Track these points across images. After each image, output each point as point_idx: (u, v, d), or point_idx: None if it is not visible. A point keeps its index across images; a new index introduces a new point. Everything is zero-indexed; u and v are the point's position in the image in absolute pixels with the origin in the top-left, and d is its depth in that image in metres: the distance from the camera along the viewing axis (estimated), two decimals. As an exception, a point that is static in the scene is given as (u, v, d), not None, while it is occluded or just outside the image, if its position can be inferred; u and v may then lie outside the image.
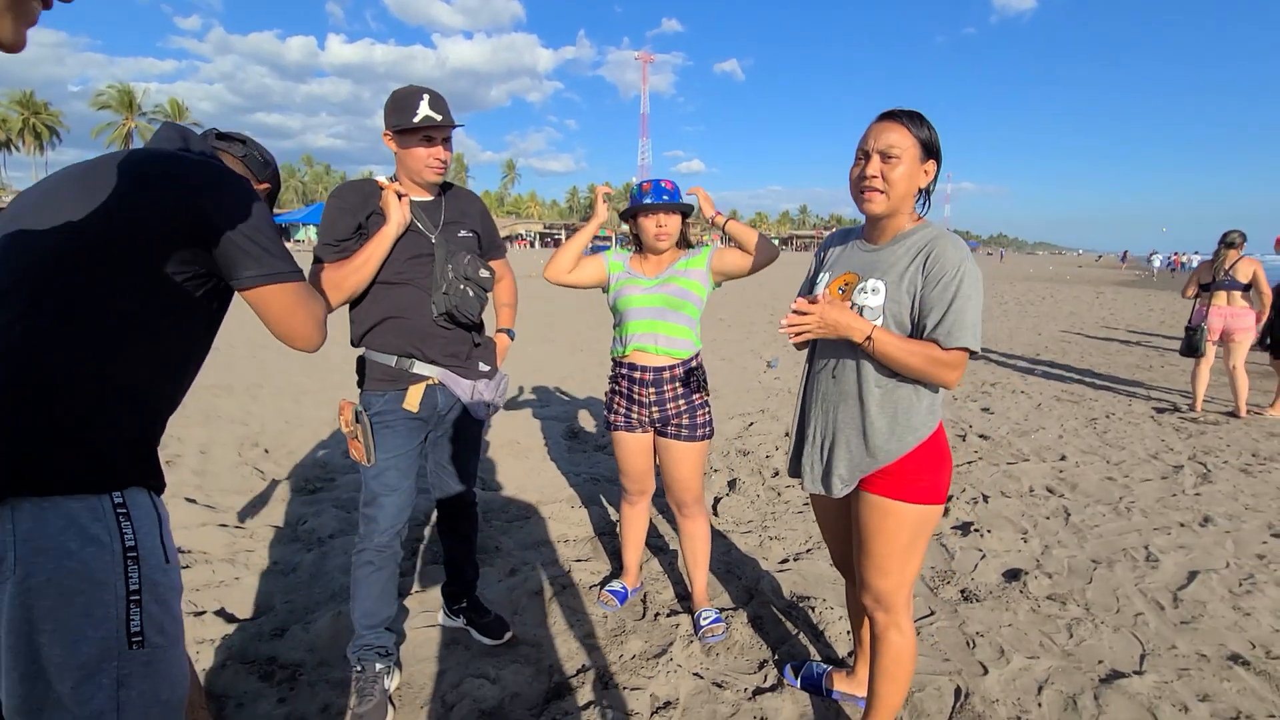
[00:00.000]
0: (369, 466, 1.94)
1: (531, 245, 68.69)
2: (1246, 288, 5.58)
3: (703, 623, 2.31)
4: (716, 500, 3.53)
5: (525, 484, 3.70)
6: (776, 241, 2.40)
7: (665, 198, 2.24)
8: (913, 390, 1.58)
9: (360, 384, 2.02)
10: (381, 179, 1.96)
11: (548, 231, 78.37)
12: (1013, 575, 2.80)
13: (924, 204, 1.65)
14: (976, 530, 3.21)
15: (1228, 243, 5.68)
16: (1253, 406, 5.80)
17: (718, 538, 3.04)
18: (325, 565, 2.71)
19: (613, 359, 2.39)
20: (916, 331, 1.54)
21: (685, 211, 2.29)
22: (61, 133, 71.00)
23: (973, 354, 1.52)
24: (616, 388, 2.37)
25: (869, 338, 1.51)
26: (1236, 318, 5.58)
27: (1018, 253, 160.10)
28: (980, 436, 4.84)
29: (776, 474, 3.94)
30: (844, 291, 1.66)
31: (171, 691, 1.10)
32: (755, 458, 4.24)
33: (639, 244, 2.34)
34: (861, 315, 1.56)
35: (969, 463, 4.25)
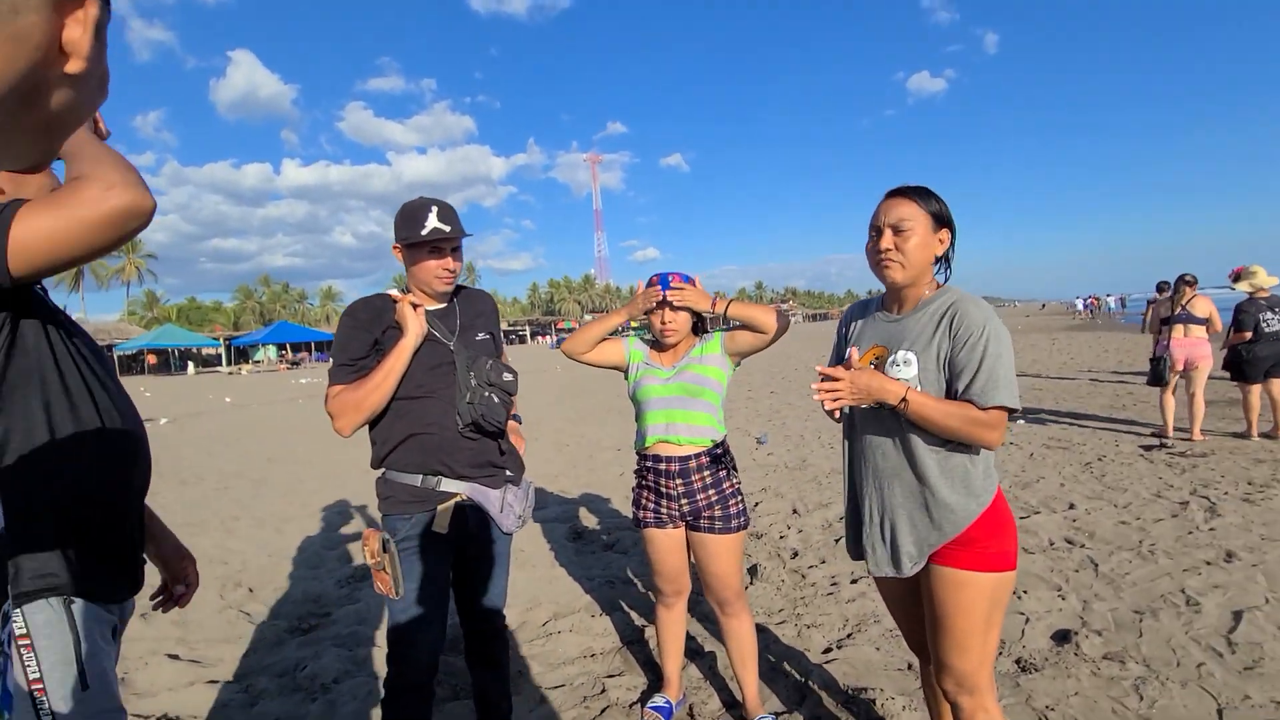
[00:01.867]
0: (397, 599, 1.79)
1: (497, 344, 68.70)
2: (1204, 321, 6.09)
3: None
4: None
5: (538, 596, 3.48)
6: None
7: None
8: (966, 455, 1.56)
9: (383, 509, 1.89)
10: (394, 292, 1.93)
11: (512, 329, 79.03)
12: (1062, 637, 2.70)
13: (944, 272, 1.69)
14: (1012, 592, 3.11)
15: (1186, 281, 6.31)
16: (1264, 435, 6.03)
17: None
18: (334, 716, 2.44)
19: (637, 453, 2.31)
20: (952, 396, 1.54)
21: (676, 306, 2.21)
22: None
23: (1012, 413, 1.51)
24: (643, 482, 2.28)
25: (904, 399, 1.50)
26: (1195, 348, 6.11)
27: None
28: (985, 493, 4.81)
29: (796, 554, 3.81)
30: (876, 365, 1.66)
31: None
32: (770, 539, 4.11)
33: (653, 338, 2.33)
34: None
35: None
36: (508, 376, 1.93)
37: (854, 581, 3.34)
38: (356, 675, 2.72)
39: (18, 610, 0.96)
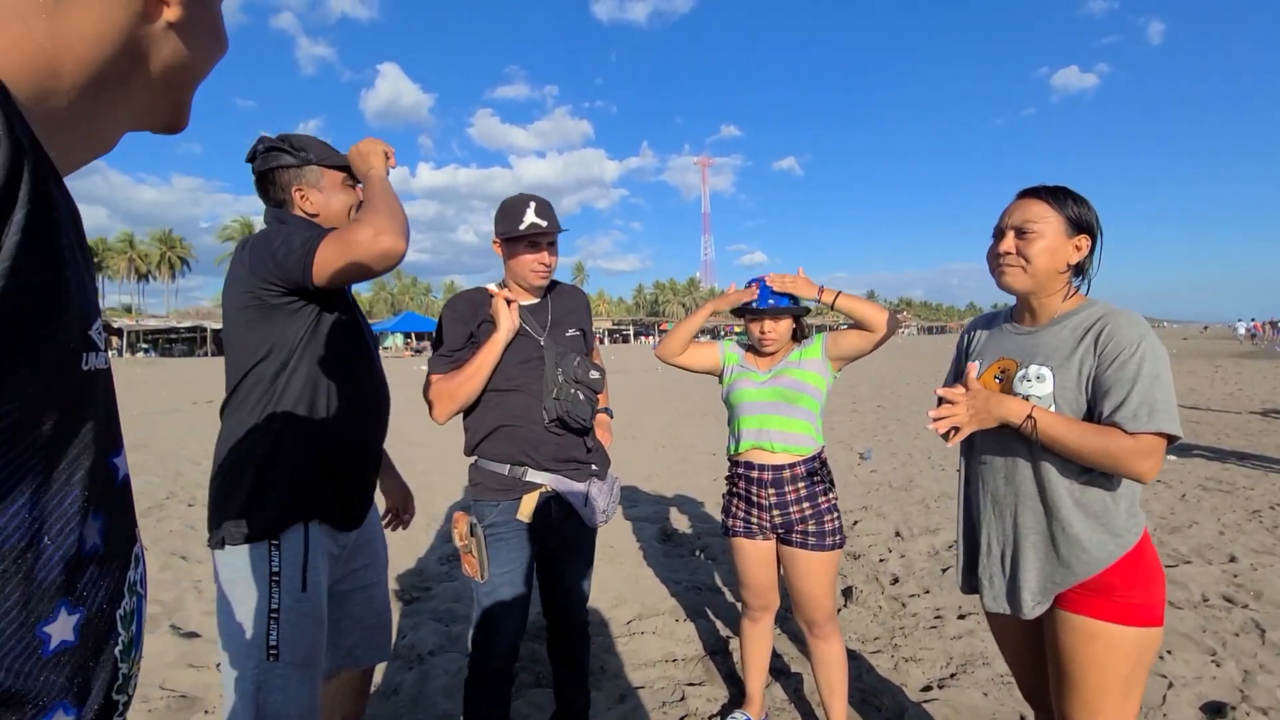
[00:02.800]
0: (482, 583, 1.85)
1: (601, 341, 70.49)
2: None
3: None
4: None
5: (624, 594, 3.49)
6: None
7: (771, 302, 2.12)
8: (1107, 488, 1.37)
9: (473, 495, 1.96)
10: (491, 286, 1.99)
11: (615, 328, 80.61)
12: (1215, 710, 2.33)
13: (1083, 283, 1.51)
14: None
15: None
16: None
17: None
18: (427, 687, 2.57)
19: (729, 458, 2.24)
20: (1094, 419, 1.36)
21: (796, 313, 2.14)
22: (191, 262, 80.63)
23: (1172, 440, 1.31)
24: (734, 489, 2.21)
25: (1029, 417, 1.35)
26: None
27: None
28: (1124, 534, 4.28)
29: (896, 580, 3.57)
30: (1001, 380, 1.51)
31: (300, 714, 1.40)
32: (868, 562, 3.89)
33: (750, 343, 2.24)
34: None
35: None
36: (594, 374, 1.93)
37: (961, 617, 3.07)
38: (449, 650, 2.85)
39: (265, 543, 1.44)
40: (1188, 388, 13.44)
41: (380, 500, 1.84)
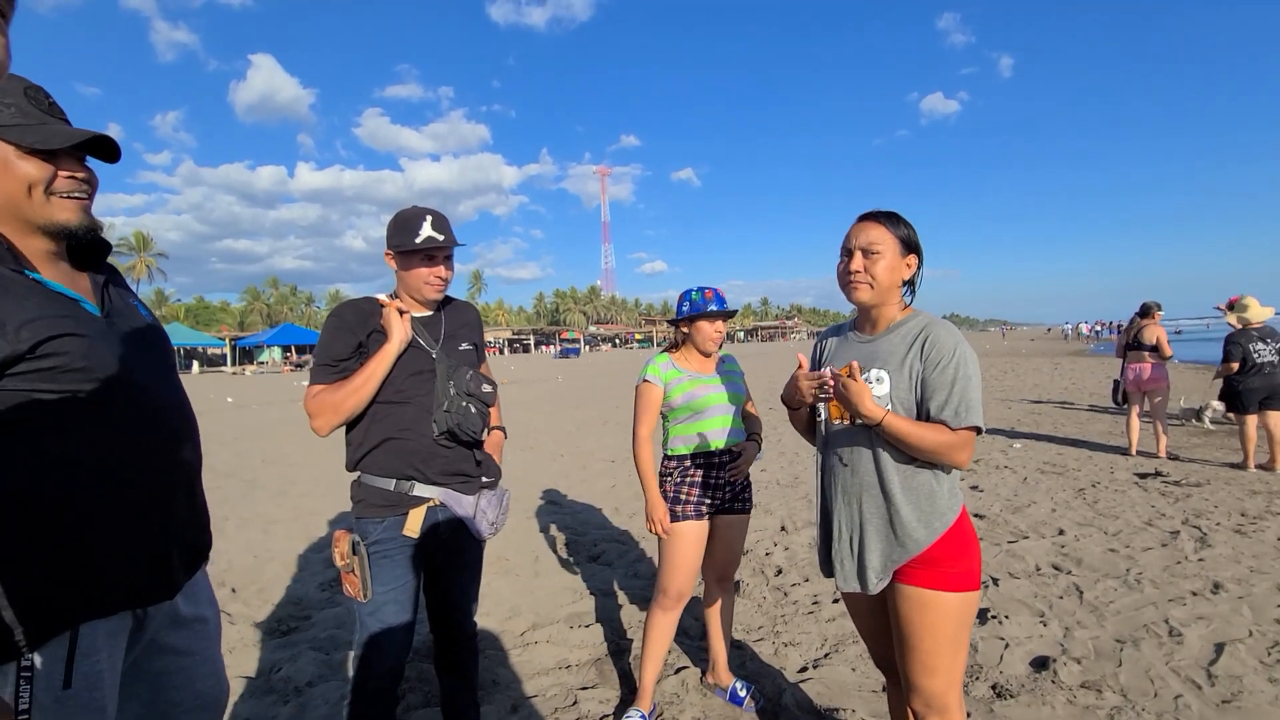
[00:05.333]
0: (365, 602, 1.80)
1: (500, 351, 69.07)
2: (1151, 348, 6.59)
3: (742, 693, 2.45)
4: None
5: (518, 605, 3.47)
6: (742, 334, 2.67)
7: (725, 305, 2.44)
8: (931, 475, 1.58)
9: (356, 512, 1.90)
10: (382, 297, 1.95)
11: (516, 337, 79.26)
12: (1041, 664, 2.68)
13: (910, 295, 1.72)
14: (994, 617, 3.09)
15: (1142, 311, 6.82)
16: (1261, 467, 6.01)
17: (731, 648, 2.86)
18: (305, 719, 2.44)
19: (679, 455, 2.42)
20: (921, 415, 1.57)
21: (730, 316, 2.51)
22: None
23: (978, 432, 1.54)
24: (688, 478, 2.39)
25: (880, 424, 1.53)
26: (1145, 372, 6.64)
27: (971, 330, 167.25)
28: (976, 516, 4.79)
29: (780, 572, 3.79)
30: None
31: None
32: (754, 556, 4.10)
33: (678, 345, 2.51)
34: None
35: (970, 544, 4.17)
36: (486, 388, 1.94)
37: (836, 601, 3.32)
38: (330, 679, 2.71)
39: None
40: (1032, 383, 15.17)
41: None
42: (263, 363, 47.95)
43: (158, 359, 1.36)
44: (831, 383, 1.58)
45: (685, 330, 2.45)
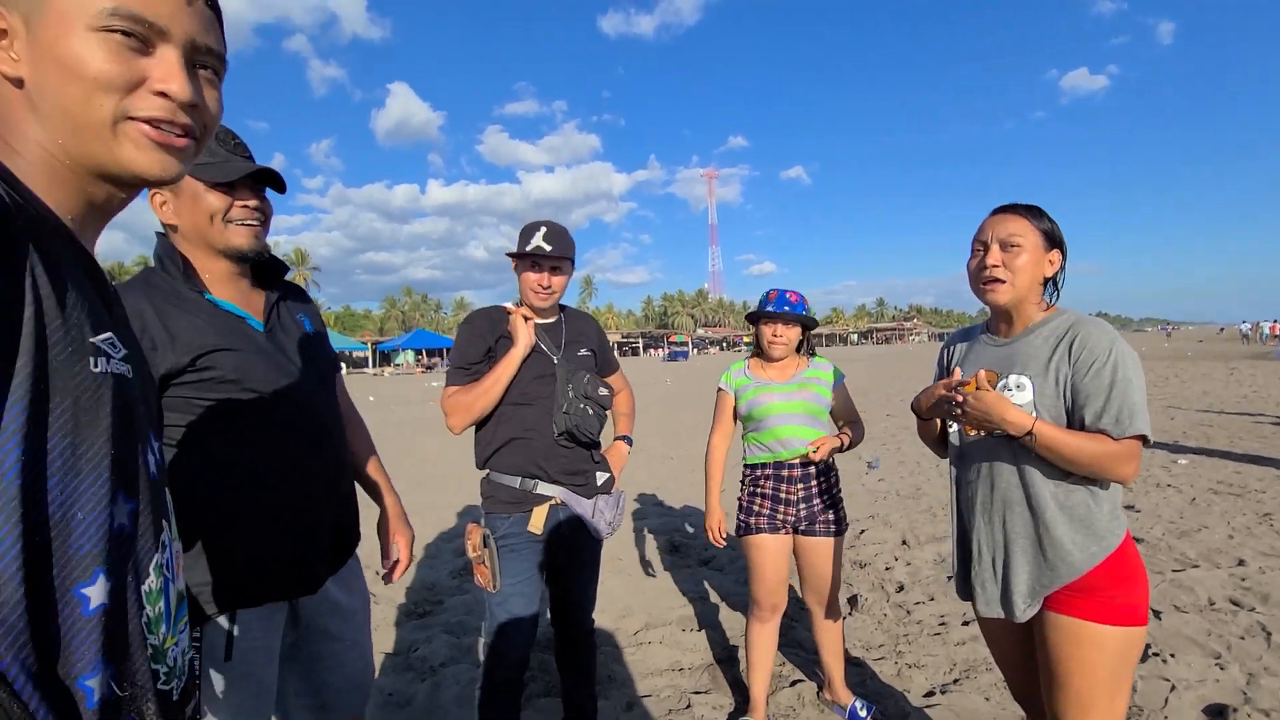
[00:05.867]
0: (494, 593, 1.92)
1: (611, 355, 70.50)
2: None
3: (862, 713, 2.34)
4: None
5: (631, 605, 3.55)
6: (856, 336, 2.54)
7: (787, 308, 2.32)
8: (1088, 492, 1.43)
9: (485, 507, 2.04)
10: (509, 305, 2.08)
11: (625, 341, 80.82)
12: (1218, 712, 2.35)
13: (1054, 295, 1.58)
14: (1156, 654, 2.75)
15: None
16: None
17: (849, 666, 2.76)
18: (440, 697, 2.64)
19: (750, 465, 2.39)
20: (1074, 425, 1.42)
21: (806, 324, 2.35)
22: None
23: (1145, 442, 1.37)
24: (757, 490, 2.34)
25: (1030, 433, 1.38)
26: None
27: (1124, 330, 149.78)
28: (1134, 539, 4.28)
29: (902, 589, 3.60)
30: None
31: None
32: (874, 570, 3.92)
33: (759, 348, 2.43)
34: None
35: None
36: (603, 391, 2.01)
37: (966, 624, 3.10)
38: (461, 661, 2.92)
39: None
40: (1201, 390, 13.32)
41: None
42: (399, 365, 52.31)
43: (313, 370, 1.49)
44: (960, 399, 1.46)
45: (756, 335, 2.42)
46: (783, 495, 2.29)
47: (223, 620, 1.33)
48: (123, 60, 0.61)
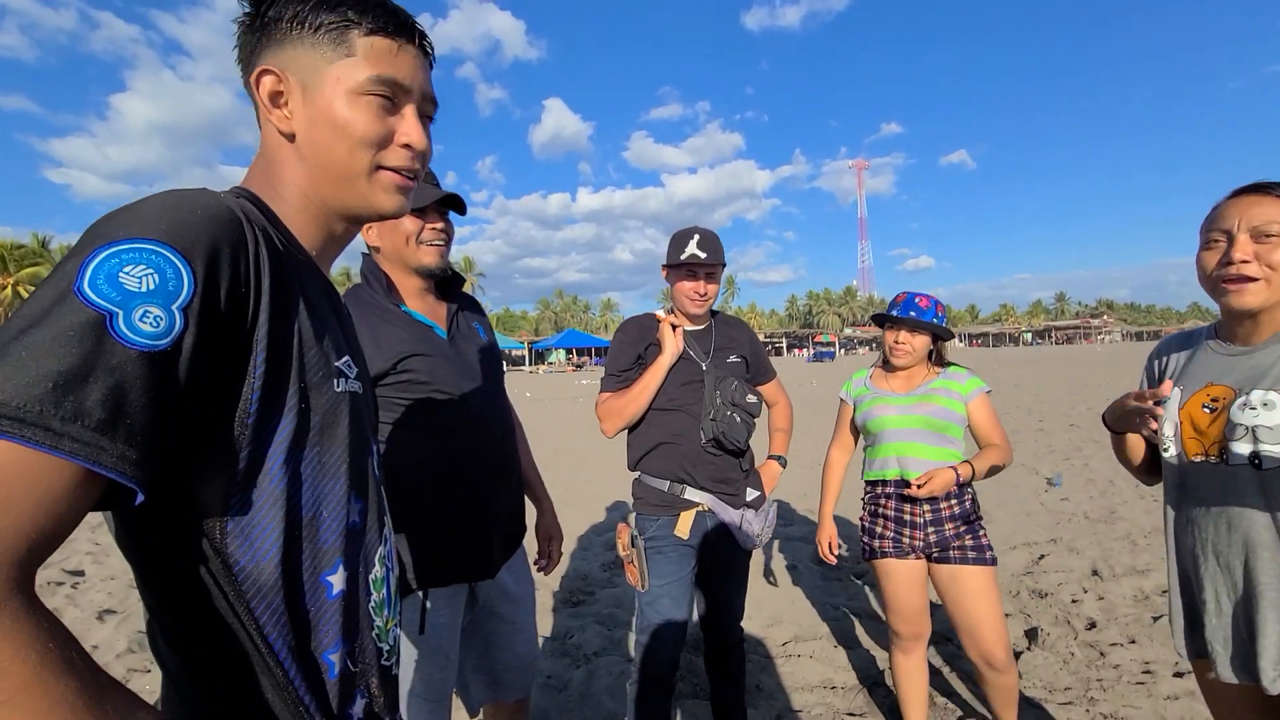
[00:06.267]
0: (644, 592, 1.98)
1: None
2: None
3: None
4: (1016, 655, 2.94)
5: (780, 614, 3.48)
6: (1029, 335, 2.17)
7: (913, 313, 2.11)
8: None
9: (635, 508, 2.11)
10: (659, 313, 2.14)
11: (768, 340, 79.26)
12: None
13: None
14: None
15: None
16: None
17: (1026, 707, 2.49)
18: (593, 686, 2.77)
19: (869, 481, 2.23)
20: None
21: (937, 334, 2.13)
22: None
23: None
24: (879, 509, 2.18)
25: None
26: None
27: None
28: None
29: (1093, 626, 3.18)
30: (1212, 409, 1.33)
31: None
32: (1057, 601, 3.50)
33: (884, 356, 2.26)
34: (1254, 437, 1.23)
35: None
36: (751, 399, 2.00)
37: (1179, 675, 2.67)
38: (612, 653, 3.04)
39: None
40: None
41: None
42: (552, 363, 55.64)
43: (487, 374, 1.65)
44: (1158, 412, 1.27)
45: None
46: (907, 517, 2.09)
47: (415, 599, 1.50)
48: (380, 120, 0.72)
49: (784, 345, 79.55)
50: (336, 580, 0.67)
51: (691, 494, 2.00)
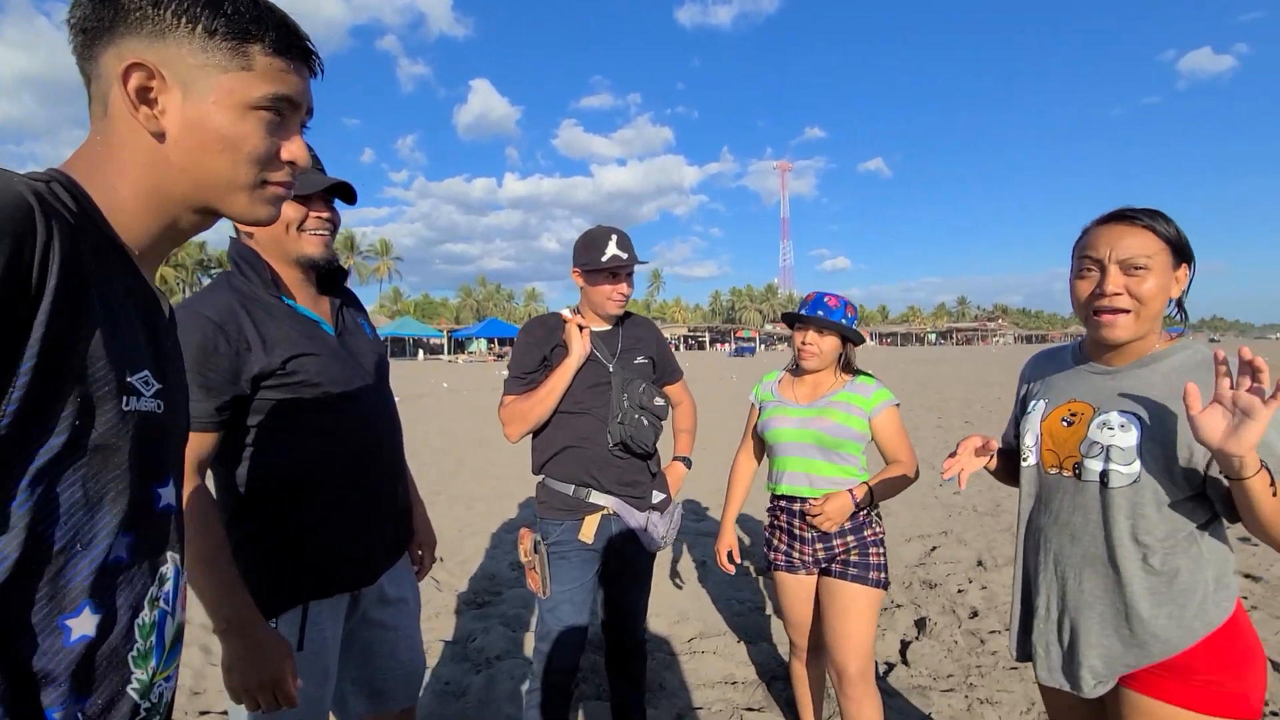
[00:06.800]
0: (544, 599, 1.92)
1: (676, 349, 70.67)
2: None
3: None
4: (904, 645, 3.08)
5: (687, 611, 3.50)
6: (934, 336, 2.12)
7: (820, 313, 1.98)
8: (1191, 558, 1.22)
9: (539, 512, 2.04)
10: (565, 312, 2.07)
11: (691, 335, 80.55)
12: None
13: (1180, 317, 1.34)
14: (1275, 715, 2.46)
15: None
16: None
17: (914, 694, 2.62)
18: (493, 692, 2.68)
19: (769, 493, 2.18)
20: (1194, 480, 1.21)
21: (845, 335, 2.00)
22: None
23: None
24: (775, 522, 2.14)
25: (1261, 469, 1.07)
26: None
27: (1241, 337, 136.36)
28: (1248, 577, 3.87)
29: (975, 614, 3.39)
30: (1071, 423, 1.37)
31: None
32: (945, 592, 3.71)
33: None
34: (1107, 456, 1.28)
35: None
36: (659, 401, 1.97)
37: (1046, 659, 2.88)
38: (515, 656, 2.96)
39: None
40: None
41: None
42: (472, 352, 54.17)
43: (374, 373, 1.55)
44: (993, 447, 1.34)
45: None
46: (798, 532, 2.03)
47: (294, 614, 1.38)
48: (269, 137, 0.71)
49: (707, 339, 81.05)
50: (79, 624, 0.58)
51: (597, 498, 1.96)
